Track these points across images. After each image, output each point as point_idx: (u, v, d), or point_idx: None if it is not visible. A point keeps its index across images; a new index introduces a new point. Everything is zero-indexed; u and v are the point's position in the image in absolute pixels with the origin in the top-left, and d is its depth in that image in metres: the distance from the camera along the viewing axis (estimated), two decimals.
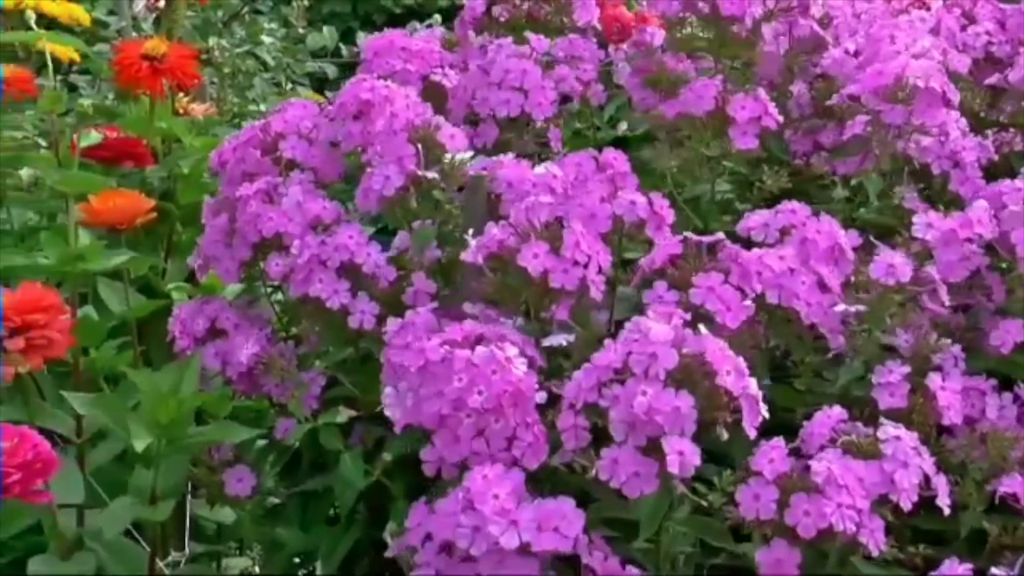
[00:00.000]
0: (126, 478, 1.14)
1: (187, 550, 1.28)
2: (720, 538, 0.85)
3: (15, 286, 1.17)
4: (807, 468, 0.81)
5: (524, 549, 0.79)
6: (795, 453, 0.84)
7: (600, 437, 0.82)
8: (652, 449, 0.79)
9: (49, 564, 1.12)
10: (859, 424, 0.86)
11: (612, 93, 1.29)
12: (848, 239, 0.96)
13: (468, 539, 0.79)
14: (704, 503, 0.84)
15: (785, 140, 1.18)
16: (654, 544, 0.85)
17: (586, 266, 0.90)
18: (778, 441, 0.83)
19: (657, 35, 1.24)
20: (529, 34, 1.21)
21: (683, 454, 0.78)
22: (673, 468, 0.78)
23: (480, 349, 0.85)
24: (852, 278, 0.95)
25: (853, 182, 1.11)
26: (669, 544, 0.86)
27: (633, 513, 0.82)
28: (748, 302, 0.89)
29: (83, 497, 1.14)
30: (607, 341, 0.83)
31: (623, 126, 1.31)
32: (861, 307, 0.93)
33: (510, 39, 1.20)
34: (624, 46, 1.32)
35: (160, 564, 1.18)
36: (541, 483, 0.85)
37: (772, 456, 0.82)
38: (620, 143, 1.23)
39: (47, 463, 0.81)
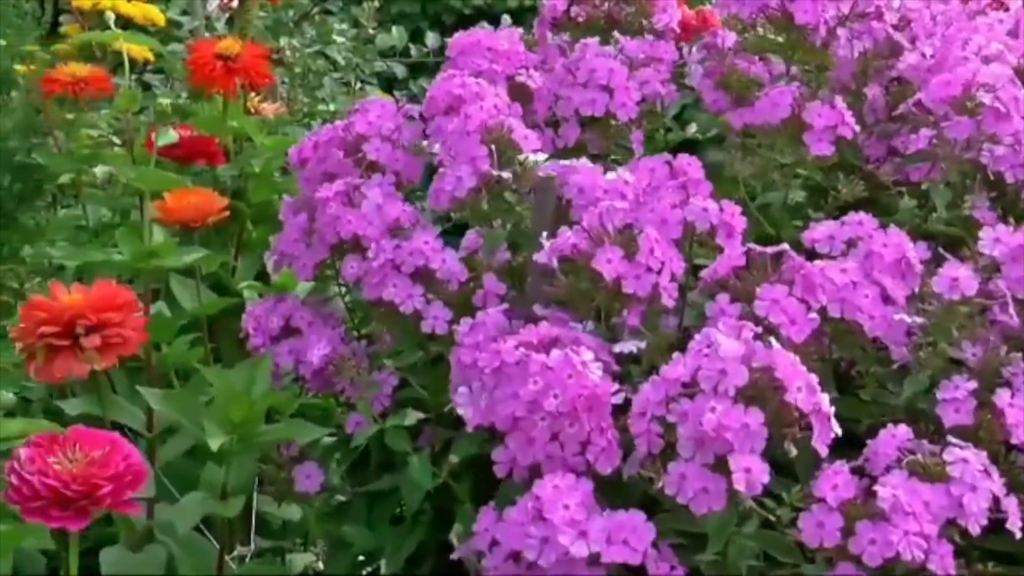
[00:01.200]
0: (195, 473, 1.16)
1: (253, 545, 1.29)
2: (787, 554, 0.83)
3: (90, 280, 1.19)
4: (871, 492, 0.80)
5: (593, 560, 0.79)
6: (859, 472, 0.83)
7: (669, 447, 0.82)
8: (720, 466, 0.78)
9: (121, 556, 1.14)
10: (924, 442, 0.84)
11: (682, 94, 1.28)
12: (917, 251, 0.95)
13: (537, 549, 0.79)
14: (772, 517, 0.83)
15: (859, 146, 1.17)
16: (721, 556, 0.84)
17: (659, 272, 0.90)
18: (842, 465, 0.81)
19: (728, 38, 1.23)
20: (618, 34, 1.21)
21: (751, 471, 0.77)
22: (740, 486, 0.77)
23: (555, 352, 0.85)
24: (918, 290, 0.94)
25: (924, 186, 1.09)
26: (736, 557, 0.85)
27: (701, 526, 0.82)
28: (813, 315, 0.88)
29: (154, 491, 1.16)
30: (676, 354, 0.83)
31: (692, 128, 1.30)
32: (924, 320, 0.91)
33: (596, 39, 1.20)
34: (693, 47, 1.31)
35: (227, 558, 1.19)
36: (611, 491, 0.85)
37: (836, 482, 0.80)
38: (690, 145, 1.23)
39: (137, 475, 0.81)
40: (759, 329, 0.83)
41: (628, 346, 0.89)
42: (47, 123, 1.63)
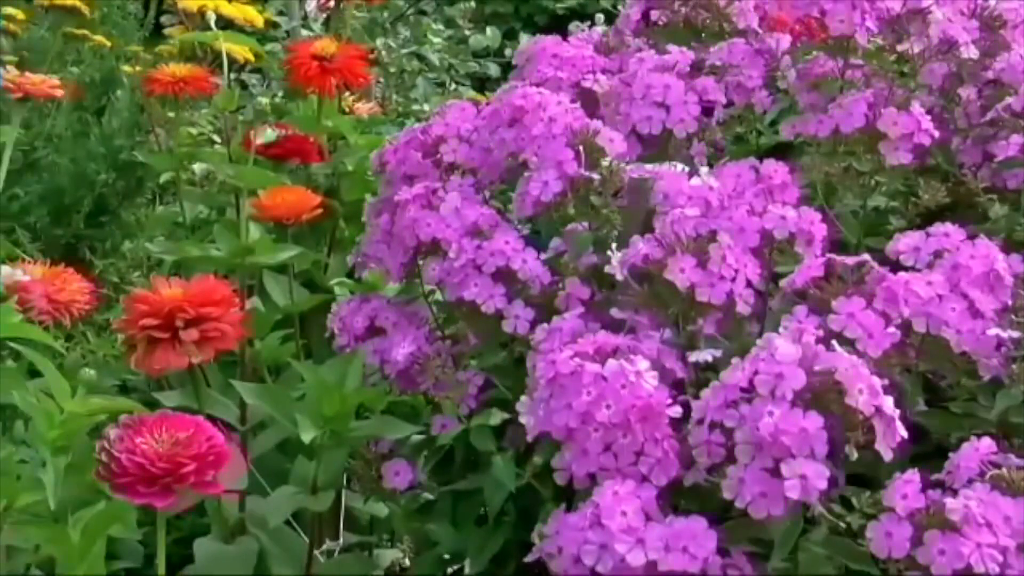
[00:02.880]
0: (285, 467, 1.18)
1: (341, 540, 1.31)
2: (859, 561, 0.82)
3: (187, 275, 1.22)
4: (944, 503, 0.78)
5: (651, 568, 0.78)
6: (940, 485, 0.81)
7: (730, 453, 0.81)
8: (779, 471, 0.78)
9: (214, 547, 1.16)
10: (1011, 456, 0.83)
11: (777, 96, 1.27)
12: (1009, 263, 0.93)
13: (594, 556, 0.79)
14: (843, 524, 0.82)
15: (952, 151, 1.14)
16: (792, 564, 0.84)
17: (733, 280, 0.89)
18: (913, 475, 0.80)
19: (783, 40, 1.21)
20: (671, 46, 1.19)
21: (806, 478, 0.76)
22: (792, 494, 0.76)
23: (611, 363, 0.84)
24: (1012, 302, 0.92)
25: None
26: (807, 565, 0.84)
27: (769, 532, 0.81)
28: (893, 328, 0.87)
29: (246, 484, 1.19)
30: (735, 359, 0.82)
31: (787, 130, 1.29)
32: (1016, 333, 0.89)
33: (652, 52, 1.18)
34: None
35: (316, 552, 1.21)
36: (684, 497, 0.84)
37: (906, 491, 0.79)
38: (783, 148, 1.21)
39: (220, 455, 0.84)
40: (821, 332, 0.82)
41: (704, 355, 0.88)
42: (150, 122, 1.68)
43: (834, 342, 0.81)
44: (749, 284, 0.90)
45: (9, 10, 1.90)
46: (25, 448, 1.03)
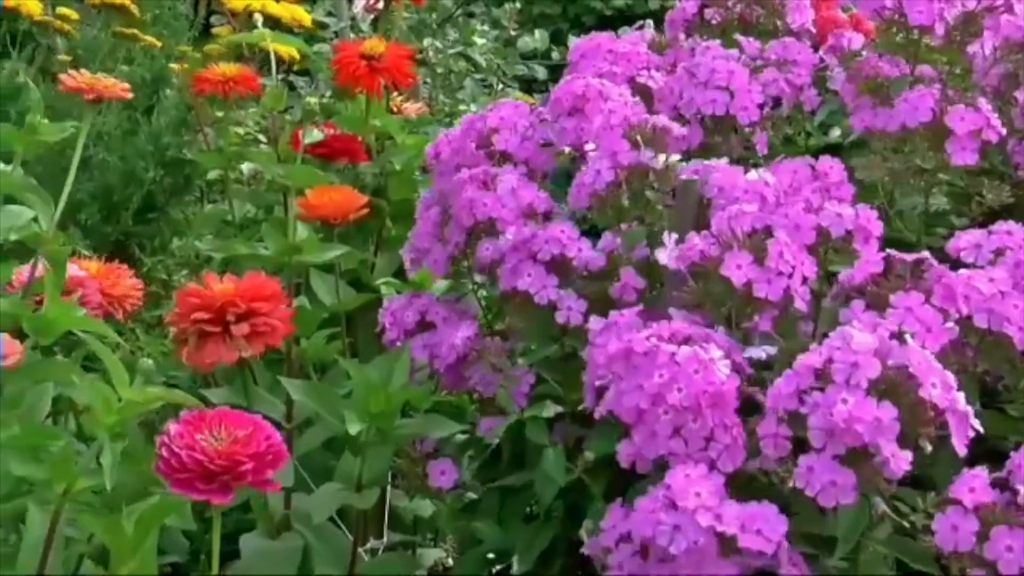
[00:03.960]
0: (331, 464, 1.18)
1: (385, 538, 1.31)
2: (921, 561, 0.82)
3: (235, 273, 1.23)
4: (1013, 501, 0.77)
5: (725, 550, 0.78)
6: (1000, 485, 0.80)
7: (800, 449, 0.81)
8: (850, 459, 0.78)
9: (259, 542, 1.17)
10: None
11: (825, 98, 1.26)
12: None
13: (668, 537, 0.79)
14: (906, 524, 0.81)
15: (1008, 152, 1.13)
16: (851, 563, 0.83)
17: (790, 277, 0.89)
18: (980, 470, 0.79)
19: (855, 39, 1.20)
20: (739, 36, 1.19)
21: (895, 456, 0.76)
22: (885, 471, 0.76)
23: (684, 348, 0.84)
24: None
25: None
26: (867, 564, 0.83)
27: (831, 528, 0.81)
28: (951, 324, 0.86)
29: (292, 481, 1.19)
30: (812, 344, 0.82)
31: (835, 132, 1.28)
32: None
33: (718, 41, 1.18)
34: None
35: (359, 550, 1.21)
36: (740, 491, 0.84)
37: (973, 485, 0.78)
38: (832, 150, 1.20)
39: (278, 455, 0.84)
40: (894, 328, 0.82)
41: (759, 351, 0.88)
42: (198, 120, 1.69)
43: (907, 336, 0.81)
44: (805, 281, 0.90)
45: (63, 10, 1.93)
46: (77, 441, 1.04)
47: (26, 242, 0.95)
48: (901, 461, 0.77)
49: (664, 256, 0.92)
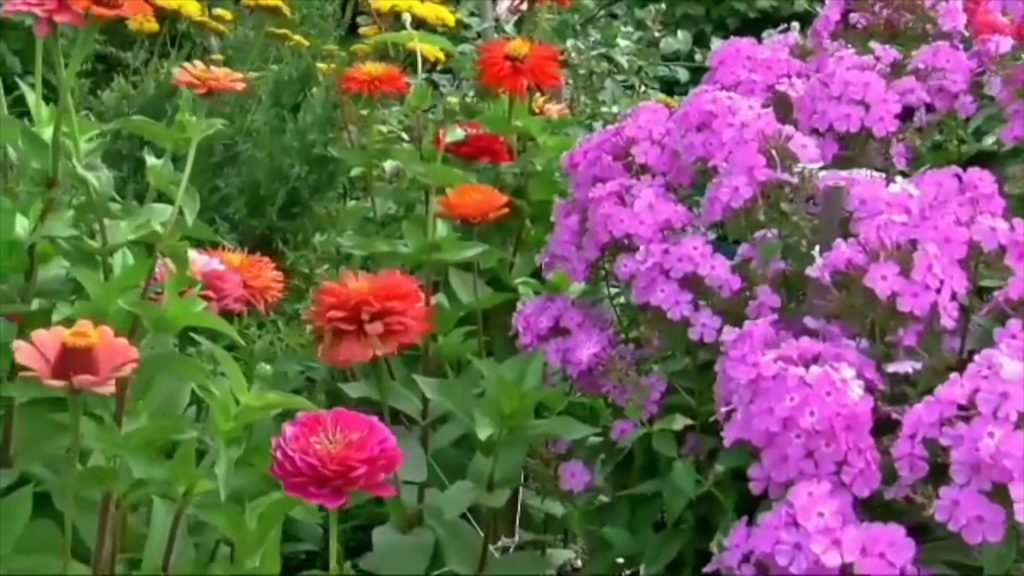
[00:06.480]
0: (463, 462, 1.19)
1: (516, 537, 1.32)
2: None
3: (376, 269, 1.25)
4: None
5: (847, 571, 0.76)
6: None
7: (938, 471, 0.78)
8: (998, 494, 0.74)
9: (391, 536, 1.18)
10: None
11: (982, 104, 1.22)
12: None
13: (788, 556, 0.78)
14: None
15: None
16: None
17: (938, 291, 0.86)
18: None
19: (1003, 43, 1.16)
20: (874, 44, 1.16)
21: None
22: (1021, 517, 0.73)
23: (815, 368, 0.82)
24: None
25: None
26: None
27: (974, 559, 0.78)
28: None
29: (425, 476, 1.20)
30: (953, 375, 0.79)
31: (990, 139, 1.24)
32: None
33: (852, 50, 1.15)
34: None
35: (490, 548, 1.22)
36: (874, 511, 0.82)
37: None
38: (987, 157, 1.17)
39: (392, 458, 0.84)
40: None
41: (904, 366, 0.85)
42: (343, 118, 1.72)
43: None
44: (954, 296, 0.87)
45: (220, 11, 1.98)
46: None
47: (147, 240, 0.97)
48: None
49: (814, 271, 0.90)
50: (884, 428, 0.83)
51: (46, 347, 0.82)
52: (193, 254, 1.01)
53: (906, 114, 1.13)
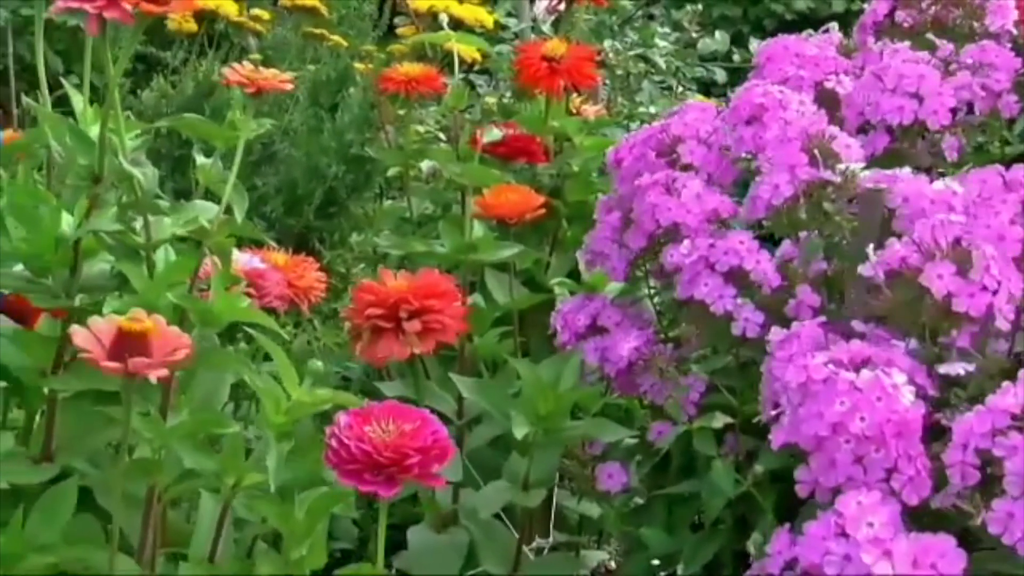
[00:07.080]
0: (498, 462, 1.19)
1: (551, 538, 1.31)
2: None
3: (412, 269, 1.25)
4: None
5: None
6: None
7: (990, 480, 0.77)
8: None
9: (426, 535, 1.19)
10: None
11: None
12: None
13: (837, 567, 0.76)
14: None
15: None
16: None
17: (995, 292, 0.84)
18: None
19: None
20: (932, 36, 1.15)
21: None
22: None
23: (865, 373, 0.81)
24: None
25: None
26: None
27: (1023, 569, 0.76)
28: None
29: (460, 476, 1.20)
30: (1005, 382, 0.78)
31: None
32: None
33: (907, 44, 1.14)
34: None
35: (525, 548, 1.22)
36: (920, 519, 0.81)
37: None
38: None
39: (444, 450, 0.85)
40: None
41: (956, 368, 0.84)
42: (380, 119, 1.72)
43: None
44: (1010, 298, 0.85)
45: (257, 11, 1.99)
46: (252, 426, 1.08)
47: (194, 236, 0.97)
48: None
49: (867, 269, 0.89)
50: (933, 434, 0.82)
51: (102, 333, 0.83)
52: (235, 252, 1.02)
53: (952, 115, 1.12)
